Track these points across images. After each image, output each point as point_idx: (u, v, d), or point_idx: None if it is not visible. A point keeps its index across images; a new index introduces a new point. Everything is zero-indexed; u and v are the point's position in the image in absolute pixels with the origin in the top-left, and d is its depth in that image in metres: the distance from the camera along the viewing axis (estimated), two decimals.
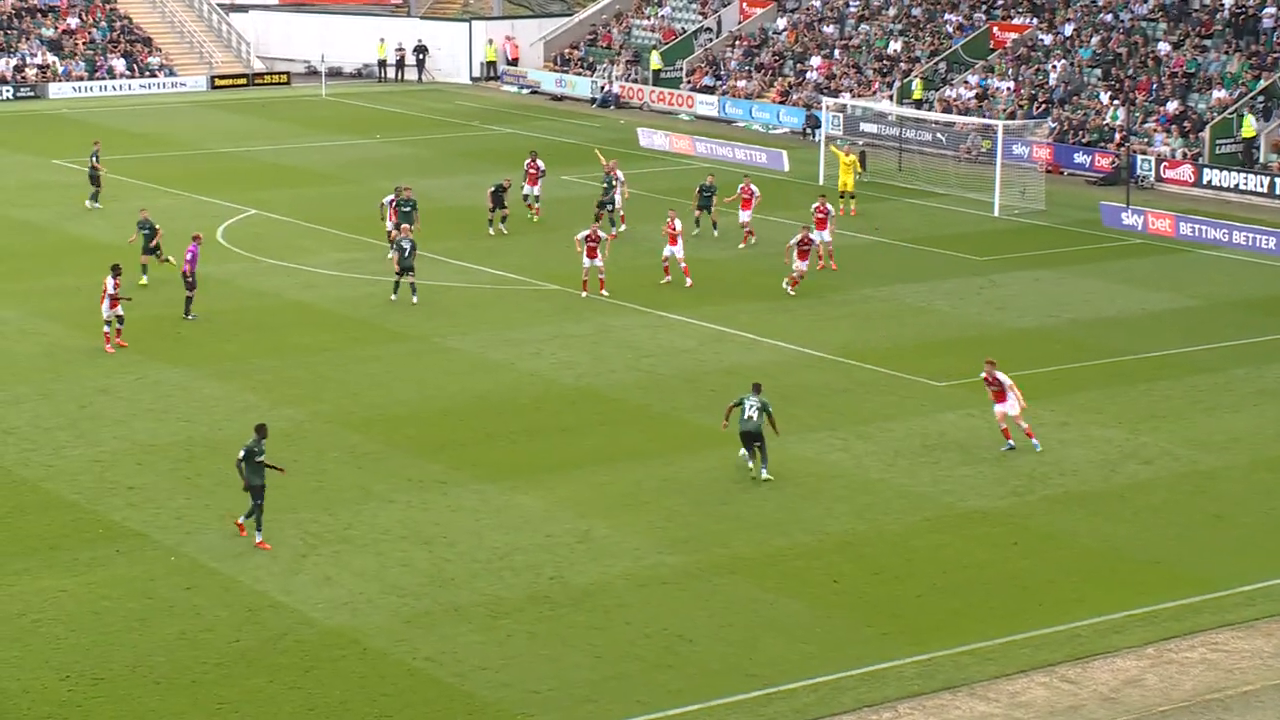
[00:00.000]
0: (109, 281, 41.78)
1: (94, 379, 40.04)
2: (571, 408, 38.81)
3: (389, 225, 50.61)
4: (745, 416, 33.77)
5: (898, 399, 39.37)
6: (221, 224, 56.82)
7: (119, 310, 42.10)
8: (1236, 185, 63.54)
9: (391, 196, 51.17)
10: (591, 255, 46.89)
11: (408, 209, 50.30)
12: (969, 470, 34.84)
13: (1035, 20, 76.81)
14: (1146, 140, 67.08)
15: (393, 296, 46.79)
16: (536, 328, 44.80)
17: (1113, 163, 66.28)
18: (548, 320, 45.56)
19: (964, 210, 61.26)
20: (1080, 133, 68.83)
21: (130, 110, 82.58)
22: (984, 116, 70.24)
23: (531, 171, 57.77)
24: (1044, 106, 70.95)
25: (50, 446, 35.52)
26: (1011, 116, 70.05)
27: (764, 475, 33.89)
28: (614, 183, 54.99)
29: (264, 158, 70.45)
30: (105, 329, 42.24)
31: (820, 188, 61.15)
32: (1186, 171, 64.90)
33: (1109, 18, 74.39)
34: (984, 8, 79.23)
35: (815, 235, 49.30)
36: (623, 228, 54.95)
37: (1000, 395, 35.75)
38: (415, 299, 46.49)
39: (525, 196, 57.80)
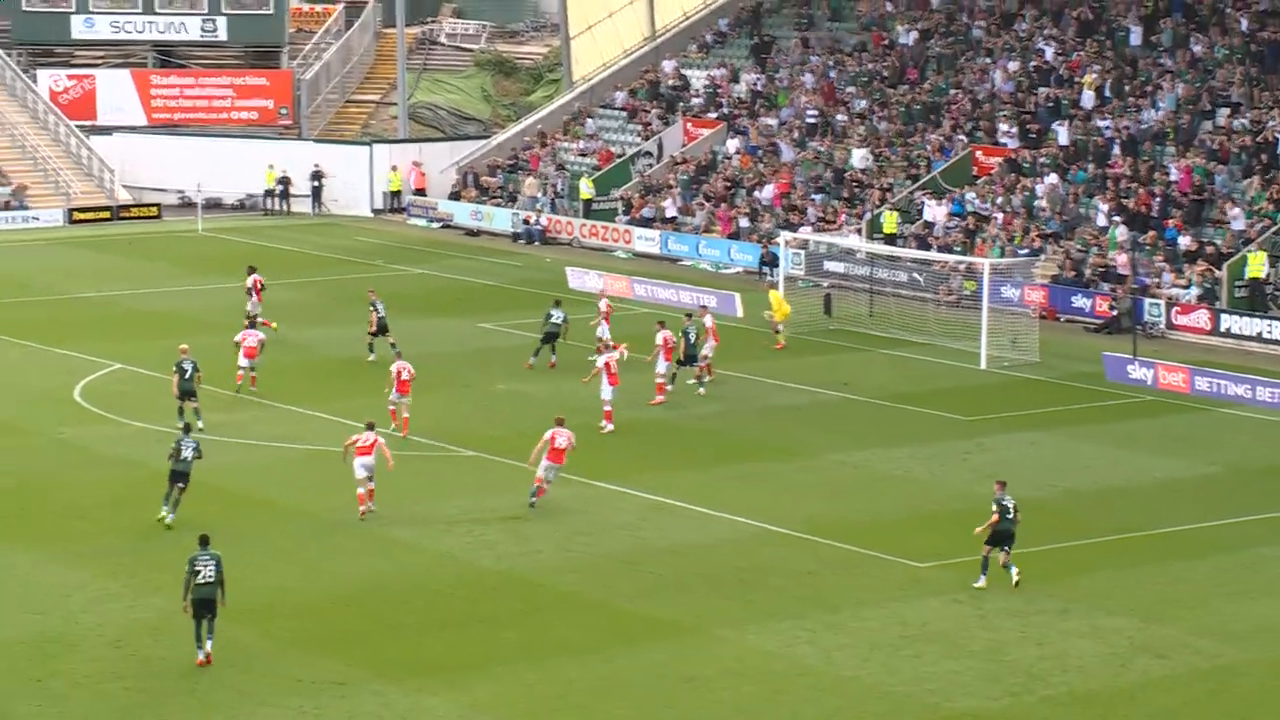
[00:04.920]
0: None
1: None
2: (490, 594, 38.60)
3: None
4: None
5: (873, 582, 39.31)
6: (80, 380, 56.59)
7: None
8: (1260, 334, 64.03)
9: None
10: (614, 383, 50.80)
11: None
12: (956, 665, 34.75)
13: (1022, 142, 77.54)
14: (1155, 280, 67.58)
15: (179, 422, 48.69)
16: (447, 501, 44.62)
17: (1112, 306, 66.74)
18: (460, 492, 45.39)
19: (946, 362, 61.61)
20: (1080, 271, 69.20)
21: None
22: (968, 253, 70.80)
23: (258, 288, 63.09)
24: (1038, 241, 71.49)
25: None
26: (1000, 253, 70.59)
27: None
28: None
29: (131, 303, 70.33)
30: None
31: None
32: (1202, 317, 65.41)
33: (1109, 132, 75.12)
34: (970, 128, 79.93)
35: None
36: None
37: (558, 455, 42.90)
38: (200, 423, 49.52)
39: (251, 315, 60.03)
